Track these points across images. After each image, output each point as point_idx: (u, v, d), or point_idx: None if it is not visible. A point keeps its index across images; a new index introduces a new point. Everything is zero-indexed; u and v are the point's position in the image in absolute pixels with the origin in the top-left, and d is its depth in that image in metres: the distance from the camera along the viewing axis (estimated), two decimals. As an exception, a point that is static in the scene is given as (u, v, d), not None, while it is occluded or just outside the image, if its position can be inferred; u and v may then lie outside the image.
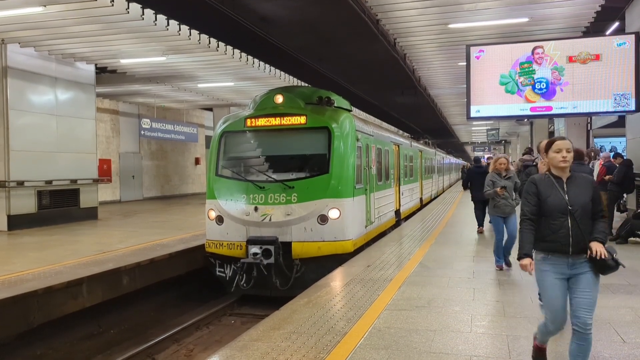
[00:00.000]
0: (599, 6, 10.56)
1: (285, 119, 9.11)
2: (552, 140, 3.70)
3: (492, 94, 11.92)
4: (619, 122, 15.42)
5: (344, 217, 8.62)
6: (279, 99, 9.36)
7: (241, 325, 8.09)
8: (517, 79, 11.67)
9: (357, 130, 9.58)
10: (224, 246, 8.87)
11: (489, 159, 22.93)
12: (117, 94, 20.51)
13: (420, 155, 19.64)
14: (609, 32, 13.43)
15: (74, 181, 14.64)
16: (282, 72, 17.26)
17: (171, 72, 15.72)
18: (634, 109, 11.02)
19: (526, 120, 25.36)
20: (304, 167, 9.15)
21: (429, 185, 23.01)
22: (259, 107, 9.54)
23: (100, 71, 16.57)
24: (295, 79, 18.53)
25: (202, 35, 12.45)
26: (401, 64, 15.32)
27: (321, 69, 19.26)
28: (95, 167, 15.69)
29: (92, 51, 13.21)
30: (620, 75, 11.06)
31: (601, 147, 18.12)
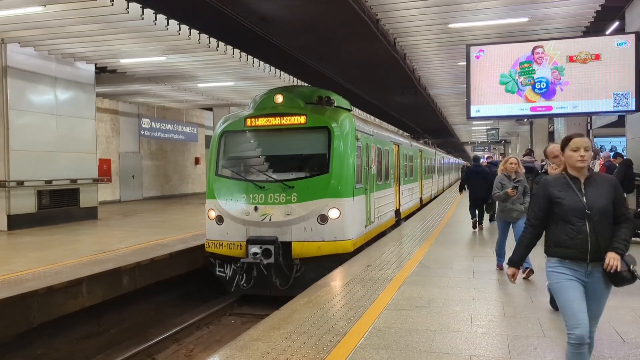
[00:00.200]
0: (599, 6, 10.56)
1: (285, 118, 9.11)
2: (569, 137, 3.45)
3: (492, 94, 11.93)
4: (619, 122, 15.44)
5: (343, 217, 8.62)
6: (279, 98, 9.36)
7: (241, 325, 8.09)
8: (517, 78, 11.67)
9: (357, 129, 9.58)
10: (224, 246, 8.87)
11: (488, 158, 22.90)
12: (117, 93, 20.51)
13: (420, 155, 19.64)
14: (609, 31, 13.43)
15: (74, 181, 14.64)
16: (282, 72, 17.26)
17: (171, 71, 15.72)
18: (634, 108, 11.02)
19: (526, 120, 25.40)
20: (304, 166, 9.14)
21: (429, 185, 23.01)
22: (258, 106, 9.54)
23: (100, 71, 16.57)
24: (295, 79, 18.52)
25: (202, 35, 12.45)
26: (401, 64, 15.32)
27: (321, 69, 19.25)
28: (95, 167, 15.69)
29: (92, 51, 13.21)
30: (620, 75, 11.06)
31: (601, 147, 18.14)
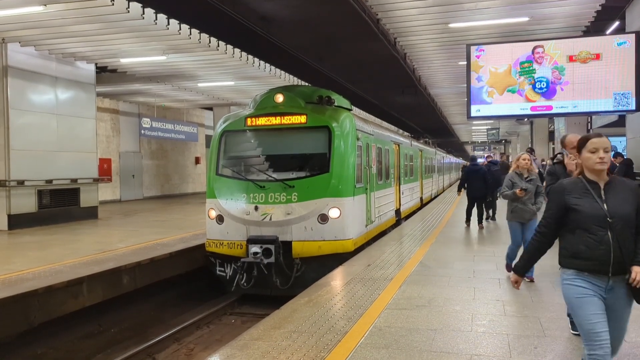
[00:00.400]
0: (599, 5, 10.56)
1: (285, 118, 9.10)
2: (586, 137, 3.17)
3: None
4: (619, 122, 15.42)
5: (344, 216, 8.62)
6: (279, 98, 9.35)
7: (241, 324, 8.09)
8: (518, 78, 11.66)
9: (358, 129, 9.58)
10: (224, 245, 8.87)
11: (488, 157, 22.80)
12: (118, 93, 20.50)
13: (420, 154, 19.64)
14: (609, 31, 13.42)
15: (74, 180, 14.64)
16: (283, 72, 17.25)
17: (171, 71, 15.71)
18: (634, 108, 11.01)
19: (526, 119, 25.38)
20: (305, 166, 9.14)
21: (429, 184, 23.01)
22: (259, 106, 9.54)
23: (100, 70, 16.56)
24: (295, 78, 18.51)
25: (202, 34, 12.44)
26: (401, 63, 15.31)
27: (321, 68, 19.23)
28: (95, 167, 15.68)
29: (93, 50, 13.20)
30: (620, 74, 11.06)
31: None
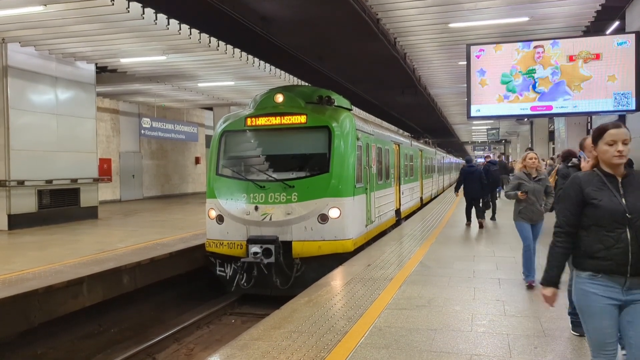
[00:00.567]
0: (599, 5, 10.55)
1: (285, 118, 9.11)
2: (603, 128, 2.92)
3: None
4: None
5: (344, 216, 8.62)
6: (279, 98, 9.36)
7: (241, 324, 8.10)
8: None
9: (358, 129, 9.58)
10: (224, 245, 8.87)
11: (486, 157, 22.51)
12: (118, 93, 20.50)
13: (420, 154, 19.64)
14: (609, 31, 13.42)
15: (75, 180, 14.64)
16: (283, 72, 17.25)
17: (171, 71, 15.71)
18: (634, 108, 11.00)
19: (526, 119, 25.38)
20: (304, 166, 9.15)
21: (429, 184, 23.01)
22: (259, 106, 9.54)
23: (100, 70, 16.56)
24: (295, 78, 18.51)
25: (202, 34, 12.44)
26: (401, 63, 15.30)
27: (321, 68, 19.22)
28: (95, 167, 15.69)
29: (93, 50, 13.20)
30: (620, 74, 11.05)
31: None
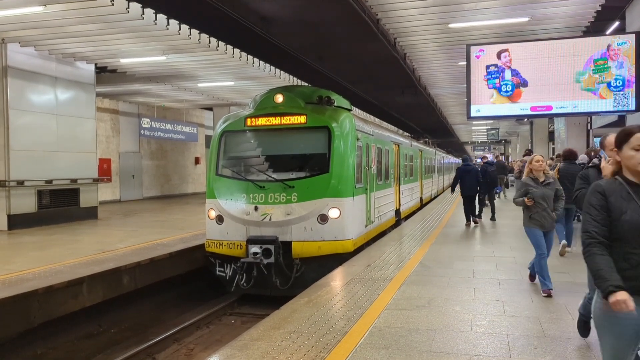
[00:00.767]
0: (599, 6, 10.56)
1: (285, 118, 9.11)
2: (629, 131, 2.62)
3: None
4: (619, 122, 15.41)
5: (344, 217, 8.62)
6: (279, 98, 9.36)
7: (241, 324, 8.10)
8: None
9: (357, 129, 9.58)
10: (224, 246, 8.87)
11: (483, 158, 22.12)
12: (117, 93, 20.50)
13: (420, 154, 19.64)
14: (609, 31, 13.42)
15: (74, 181, 14.64)
16: (282, 72, 17.25)
17: (171, 71, 15.72)
18: (634, 108, 11.02)
19: (526, 119, 25.37)
20: (304, 166, 9.15)
21: (429, 184, 23.01)
22: (259, 106, 9.54)
23: (100, 71, 16.57)
24: (295, 79, 18.51)
25: (202, 34, 12.45)
26: (401, 64, 15.31)
27: (321, 69, 19.23)
28: (95, 167, 15.69)
29: (92, 51, 13.20)
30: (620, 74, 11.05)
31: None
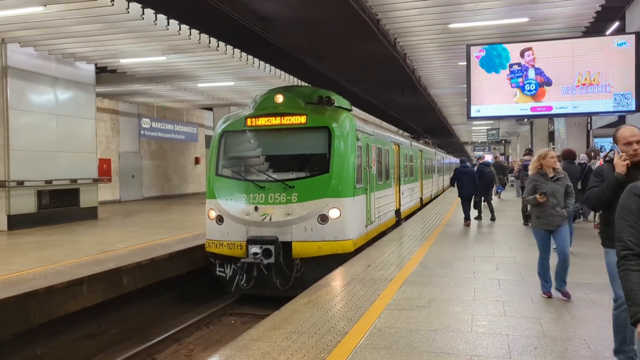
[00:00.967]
0: (599, 6, 10.56)
1: (285, 118, 9.10)
2: None
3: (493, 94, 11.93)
4: (619, 122, 15.43)
5: (344, 217, 8.62)
6: (279, 98, 9.35)
7: (241, 325, 8.09)
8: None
9: (358, 129, 9.58)
10: (224, 246, 8.87)
11: (479, 159, 21.26)
12: (117, 93, 20.50)
13: (420, 154, 19.64)
14: (609, 32, 13.43)
15: (74, 181, 14.63)
16: (282, 72, 17.25)
17: (171, 71, 15.71)
18: (634, 108, 11.02)
19: (526, 120, 25.37)
20: (304, 166, 9.14)
21: (429, 184, 23.01)
22: (259, 106, 9.54)
23: (100, 71, 16.57)
24: (295, 79, 18.51)
25: (202, 34, 12.45)
26: (401, 64, 15.31)
27: (321, 69, 19.25)
28: (95, 167, 15.68)
29: (92, 51, 13.20)
30: (620, 75, 11.06)
31: (601, 147, 18.11)
